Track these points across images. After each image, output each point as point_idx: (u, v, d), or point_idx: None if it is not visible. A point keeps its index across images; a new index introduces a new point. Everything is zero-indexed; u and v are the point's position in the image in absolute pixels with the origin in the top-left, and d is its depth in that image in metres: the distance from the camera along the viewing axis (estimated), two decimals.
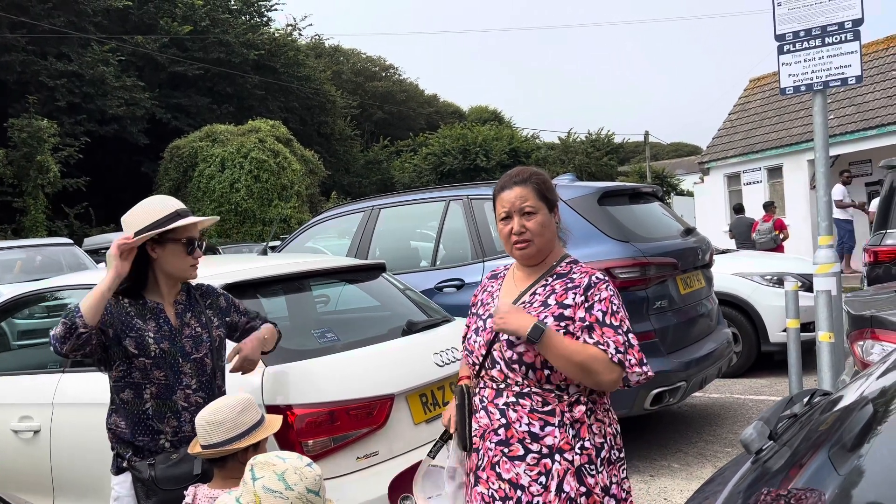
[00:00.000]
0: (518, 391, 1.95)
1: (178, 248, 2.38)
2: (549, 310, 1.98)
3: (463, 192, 5.26)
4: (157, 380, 2.33)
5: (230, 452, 2.07)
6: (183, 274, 2.43)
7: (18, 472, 3.10)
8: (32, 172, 18.60)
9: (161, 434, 2.32)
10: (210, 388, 2.42)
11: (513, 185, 2.07)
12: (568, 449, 1.91)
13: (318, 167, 24.76)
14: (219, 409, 2.10)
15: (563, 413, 1.93)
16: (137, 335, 2.32)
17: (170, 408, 2.34)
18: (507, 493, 1.92)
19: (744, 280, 6.84)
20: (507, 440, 1.94)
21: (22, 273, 10.43)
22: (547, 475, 1.89)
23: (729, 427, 5.28)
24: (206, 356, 2.42)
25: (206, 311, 2.51)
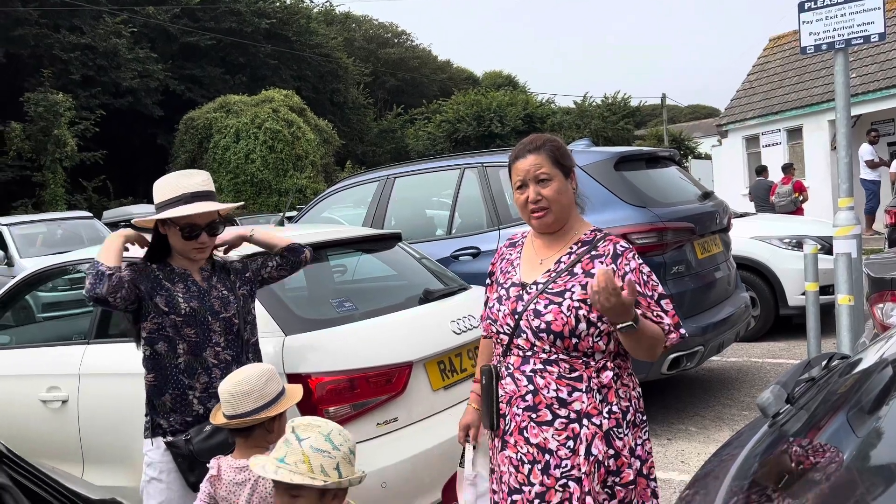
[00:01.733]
0: (545, 358, 1.96)
1: (177, 232, 2.41)
2: (576, 278, 1.98)
3: (478, 160, 5.24)
4: (188, 337, 2.39)
5: (258, 422, 2.10)
6: (187, 255, 2.46)
7: (49, 442, 3.18)
8: (50, 146, 18.74)
9: (190, 390, 2.38)
10: (238, 348, 2.47)
11: (527, 154, 2.05)
12: (595, 413, 1.93)
13: (332, 136, 24.70)
14: (244, 379, 2.12)
15: (591, 379, 1.95)
16: (167, 294, 2.38)
17: (201, 363, 2.40)
18: (535, 457, 1.94)
19: (762, 243, 6.78)
20: (535, 406, 1.96)
21: (44, 246, 10.59)
22: (575, 439, 1.92)
23: (746, 390, 5.29)
24: (234, 316, 2.47)
25: (231, 277, 2.56)
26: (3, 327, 4.03)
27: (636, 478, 1.96)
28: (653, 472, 2.03)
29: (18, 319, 4.40)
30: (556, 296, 1.97)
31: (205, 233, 2.42)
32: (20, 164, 19.16)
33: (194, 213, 2.36)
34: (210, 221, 2.43)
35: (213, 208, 2.40)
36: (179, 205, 2.37)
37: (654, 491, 2.03)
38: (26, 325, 4.60)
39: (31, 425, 3.24)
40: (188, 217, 2.37)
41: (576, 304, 1.94)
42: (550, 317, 1.94)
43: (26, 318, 4.77)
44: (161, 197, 2.42)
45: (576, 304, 1.94)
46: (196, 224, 2.39)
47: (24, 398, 3.28)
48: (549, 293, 1.98)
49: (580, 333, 1.93)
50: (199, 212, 2.36)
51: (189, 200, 2.38)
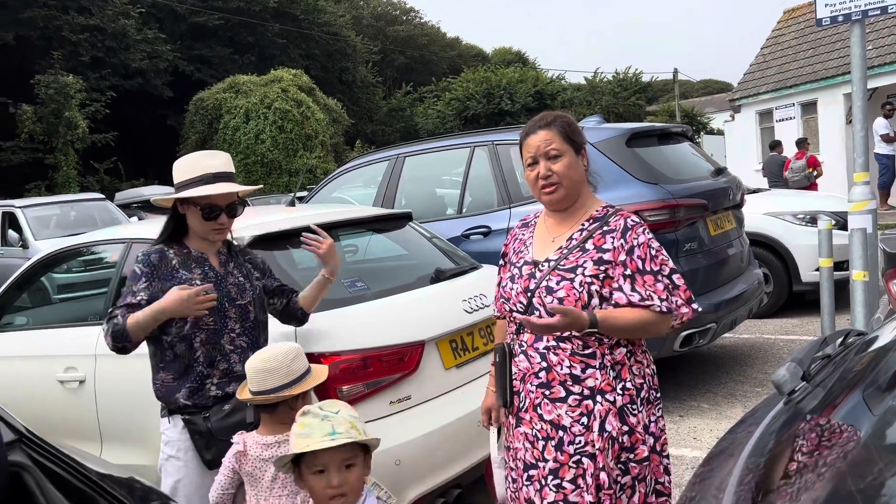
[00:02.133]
0: (558, 335, 1.96)
1: (196, 212, 2.41)
2: (588, 254, 1.98)
3: (488, 138, 5.21)
4: (205, 326, 2.39)
5: (283, 398, 2.12)
6: (205, 236, 2.45)
7: (68, 422, 3.22)
8: (61, 129, 18.80)
9: (208, 378, 2.39)
10: (253, 335, 2.48)
11: (538, 129, 2.05)
12: (609, 390, 1.94)
13: (341, 116, 24.62)
14: (272, 356, 2.13)
15: (604, 355, 1.95)
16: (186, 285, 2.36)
17: (219, 351, 2.41)
18: (549, 434, 1.96)
19: (775, 220, 6.73)
20: (548, 382, 1.97)
21: (58, 228, 10.66)
22: (589, 416, 1.93)
23: (759, 367, 5.28)
24: (249, 304, 2.48)
25: (246, 263, 2.56)
26: (20, 309, 4.07)
27: (650, 454, 1.97)
28: (665, 449, 2.04)
29: (35, 301, 4.44)
30: (568, 272, 1.97)
31: (224, 214, 2.42)
32: (32, 146, 19.26)
33: (215, 193, 2.36)
34: (230, 203, 2.43)
35: (233, 190, 2.40)
36: (200, 185, 2.37)
37: (667, 468, 2.05)
38: (42, 307, 4.65)
39: (50, 405, 3.29)
40: (208, 198, 2.38)
41: (588, 279, 1.94)
42: (563, 293, 1.95)
43: (42, 299, 4.81)
44: (182, 176, 2.42)
45: (588, 279, 1.94)
46: (216, 205, 2.40)
47: (42, 379, 3.32)
48: (560, 270, 1.98)
49: (592, 309, 1.93)
50: (220, 192, 2.37)
51: (210, 181, 2.38)
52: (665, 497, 2.04)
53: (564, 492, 1.92)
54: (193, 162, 2.44)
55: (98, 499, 1.36)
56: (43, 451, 1.43)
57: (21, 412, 1.60)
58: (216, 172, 2.40)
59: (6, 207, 11.01)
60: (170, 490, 2.35)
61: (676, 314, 1.96)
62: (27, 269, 3.85)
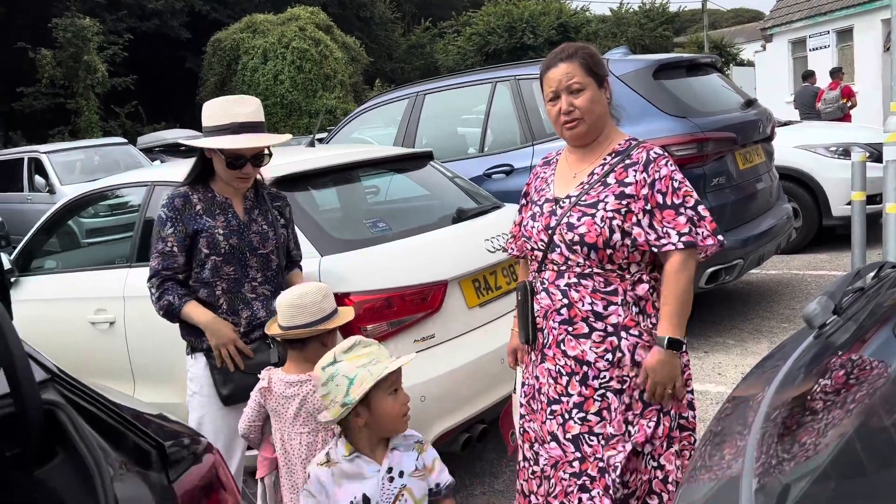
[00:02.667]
0: (580, 272, 1.95)
1: (221, 160, 2.40)
2: (610, 189, 1.94)
3: (510, 73, 5.08)
4: (226, 275, 2.42)
5: (317, 333, 2.16)
6: (230, 183, 2.45)
7: (101, 361, 3.31)
8: (81, 73, 18.74)
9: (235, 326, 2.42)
10: (276, 283, 2.50)
11: (558, 63, 1.98)
12: (633, 325, 1.93)
13: (360, 54, 24.22)
14: (304, 293, 2.17)
15: (626, 292, 1.94)
16: (208, 234, 2.40)
17: (241, 299, 2.44)
18: (573, 369, 1.96)
19: (807, 153, 6.55)
20: (571, 319, 1.96)
21: (82, 173, 10.76)
22: (614, 352, 1.93)
23: (786, 303, 5.23)
24: (271, 253, 2.48)
25: (273, 209, 2.55)
26: (49, 253, 4.14)
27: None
28: (689, 384, 2.04)
29: (63, 245, 4.52)
30: (590, 207, 1.94)
31: (249, 164, 2.40)
32: (53, 91, 19.26)
33: (242, 147, 2.34)
34: (257, 153, 2.40)
35: (260, 143, 2.37)
36: (227, 134, 2.35)
37: (691, 402, 2.05)
38: (71, 251, 4.73)
39: (83, 347, 3.37)
40: (234, 149, 2.36)
41: (609, 214, 1.91)
42: (584, 229, 1.92)
43: (70, 243, 4.89)
44: (210, 121, 2.40)
45: (609, 214, 1.91)
46: (241, 155, 2.38)
47: (74, 321, 3.40)
48: (581, 205, 1.95)
49: (615, 244, 1.91)
50: (246, 147, 2.35)
51: (237, 131, 2.35)
52: (689, 431, 2.04)
53: (589, 424, 1.94)
54: (222, 108, 2.40)
55: (129, 435, 1.39)
56: (74, 389, 1.46)
57: (55, 354, 1.63)
58: (243, 122, 2.37)
59: (32, 153, 11.11)
60: (196, 424, 2.42)
61: (701, 246, 1.91)
62: (54, 214, 3.90)
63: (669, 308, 1.91)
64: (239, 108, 2.39)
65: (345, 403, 1.74)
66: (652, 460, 1.98)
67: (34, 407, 1.34)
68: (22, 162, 11.00)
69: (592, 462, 1.93)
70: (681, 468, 2.00)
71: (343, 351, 1.80)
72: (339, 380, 1.75)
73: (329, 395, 1.77)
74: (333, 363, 1.78)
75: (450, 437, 2.84)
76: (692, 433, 2.05)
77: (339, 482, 1.77)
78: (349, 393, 1.74)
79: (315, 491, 1.78)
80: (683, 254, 1.90)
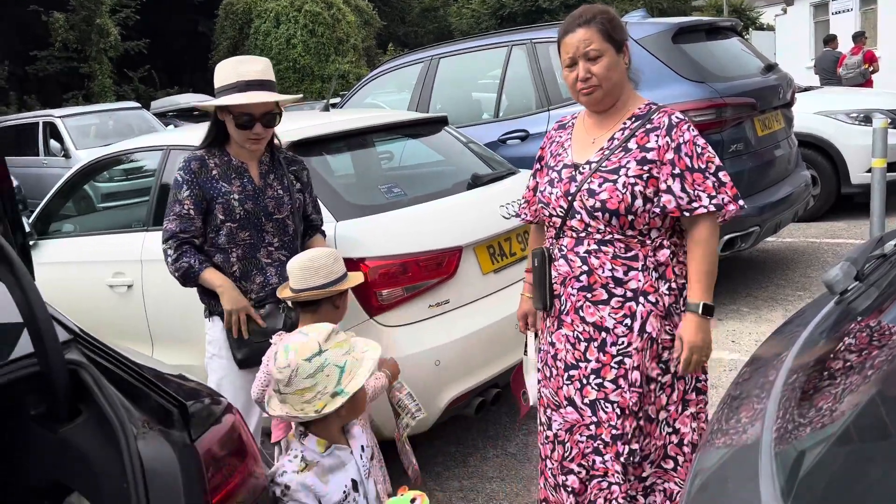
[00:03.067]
0: (600, 238, 1.94)
1: (232, 120, 2.39)
2: (632, 154, 1.92)
3: (526, 36, 5.01)
4: (241, 241, 2.43)
5: (329, 295, 2.18)
6: (242, 144, 2.44)
7: (119, 324, 3.35)
8: (94, 36, 18.68)
9: (247, 293, 2.44)
10: (292, 248, 2.50)
11: (576, 28, 1.94)
12: (652, 291, 1.93)
13: (372, 18, 23.94)
14: (315, 256, 2.19)
15: (647, 257, 1.94)
16: (224, 200, 2.40)
17: (255, 265, 2.45)
18: (591, 335, 1.97)
19: (827, 119, 6.44)
20: (590, 286, 1.96)
21: (97, 138, 10.78)
22: (632, 317, 1.93)
23: (802, 271, 5.20)
24: (287, 217, 2.49)
25: (290, 174, 2.54)
26: (67, 217, 4.17)
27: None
28: None
29: (80, 209, 4.54)
30: (611, 173, 1.92)
31: (259, 124, 2.38)
32: (67, 55, 19.22)
33: (245, 102, 2.33)
34: (265, 112, 2.39)
35: (266, 99, 2.35)
36: (234, 93, 2.34)
37: (703, 367, 2.05)
38: (88, 214, 4.76)
39: (103, 309, 3.41)
40: (242, 106, 2.34)
41: (631, 180, 1.89)
42: (605, 195, 1.91)
43: (87, 207, 4.92)
44: (219, 82, 2.40)
45: (631, 180, 1.89)
46: (250, 114, 2.36)
47: (93, 283, 3.44)
48: (602, 171, 1.93)
49: (636, 210, 1.90)
50: (250, 102, 2.33)
51: (243, 89, 2.34)
52: (703, 395, 2.06)
53: (606, 391, 1.96)
54: (230, 68, 2.41)
55: (151, 394, 1.41)
56: (97, 349, 1.49)
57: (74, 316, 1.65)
58: (249, 80, 2.36)
59: (46, 118, 11.13)
60: (215, 386, 2.46)
61: (725, 210, 1.90)
62: (70, 178, 3.92)
63: (701, 273, 1.90)
64: (244, 67, 2.38)
65: (336, 393, 1.69)
66: (667, 426, 2.00)
67: (58, 366, 1.37)
68: (37, 126, 11.03)
69: (607, 428, 1.96)
70: (696, 430, 2.02)
71: (324, 340, 1.73)
72: (330, 369, 1.69)
73: (316, 386, 1.68)
74: (320, 353, 1.70)
75: (464, 401, 2.87)
76: (705, 396, 2.07)
77: (326, 479, 1.73)
78: (341, 383, 1.70)
79: (305, 498, 1.69)
80: (712, 217, 1.89)
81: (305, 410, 1.71)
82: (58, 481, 1.51)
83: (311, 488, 1.69)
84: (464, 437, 3.34)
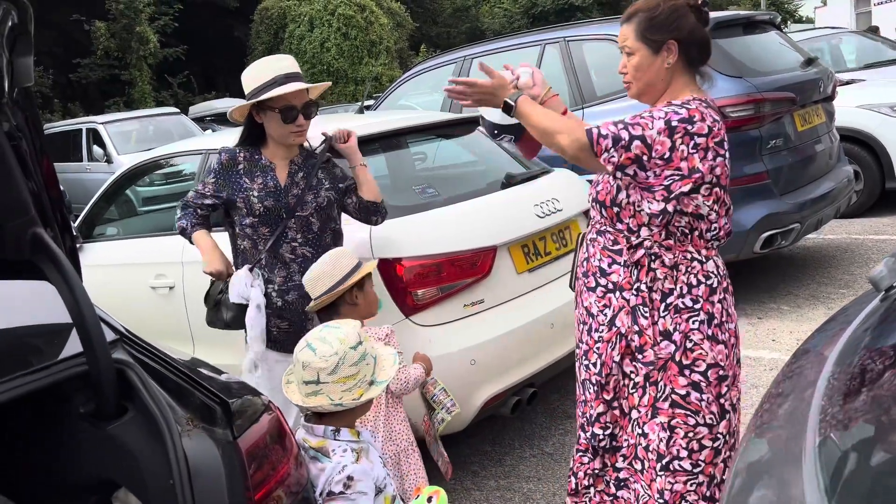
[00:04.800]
0: (598, 228, 2.04)
1: (275, 116, 2.44)
2: None
3: (559, 34, 4.99)
4: (262, 235, 2.50)
5: (335, 296, 2.29)
6: (284, 140, 2.50)
7: (162, 324, 3.43)
8: (134, 44, 19.15)
9: (270, 284, 2.50)
10: (318, 245, 2.54)
11: (622, 23, 2.00)
12: (628, 288, 1.96)
13: (405, 20, 24.08)
14: (312, 268, 2.34)
15: (626, 253, 1.97)
16: (244, 195, 2.49)
17: (279, 259, 2.51)
18: (583, 318, 2.08)
19: (870, 112, 6.28)
20: (587, 272, 2.06)
21: (137, 143, 11.03)
22: (609, 308, 1.99)
23: (845, 268, 5.08)
24: (311, 216, 2.52)
25: (318, 173, 2.57)
26: (110, 220, 4.28)
27: (667, 361, 1.92)
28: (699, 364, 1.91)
29: (122, 212, 4.66)
30: None
31: (301, 115, 2.45)
32: (108, 63, 19.74)
33: (291, 91, 2.40)
34: (305, 103, 2.47)
35: (307, 86, 2.45)
36: (274, 87, 2.39)
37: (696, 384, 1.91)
38: (130, 218, 4.88)
39: (145, 310, 3.50)
40: (284, 98, 2.40)
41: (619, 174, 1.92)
42: (601, 186, 2.01)
43: (129, 211, 5.04)
44: (253, 83, 2.45)
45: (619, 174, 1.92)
46: (293, 106, 2.43)
47: (135, 285, 3.52)
48: None
49: (620, 202, 1.93)
50: (295, 90, 2.40)
51: (283, 82, 2.41)
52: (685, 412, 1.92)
53: (590, 372, 2.05)
54: (263, 67, 2.47)
55: (195, 392, 1.45)
56: (142, 349, 1.53)
57: (118, 317, 1.70)
58: (288, 73, 2.44)
59: (90, 124, 11.42)
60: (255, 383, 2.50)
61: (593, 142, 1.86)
62: (113, 182, 4.02)
63: (539, 114, 1.98)
64: (279, 63, 2.47)
65: (372, 382, 1.81)
66: (637, 426, 2.00)
67: (106, 366, 1.41)
68: (81, 132, 11.32)
69: (584, 408, 2.08)
70: (664, 442, 1.93)
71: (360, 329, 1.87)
72: (369, 359, 1.82)
73: (358, 374, 1.77)
74: (361, 342, 1.81)
75: (500, 400, 2.87)
76: (693, 416, 1.92)
77: (371, 461, 1.83)
78: (375, 372, 1.82)
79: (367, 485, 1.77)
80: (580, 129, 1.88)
81: (343, 399, 1.76)
82: (105, 477, 1.56)
83: (369, 472, 1.79)
84: (500, 436, 3.35)
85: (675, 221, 1.91)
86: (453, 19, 31.61)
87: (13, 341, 1.70)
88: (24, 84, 1.50)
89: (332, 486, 1.73)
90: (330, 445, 1.79)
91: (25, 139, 1.52)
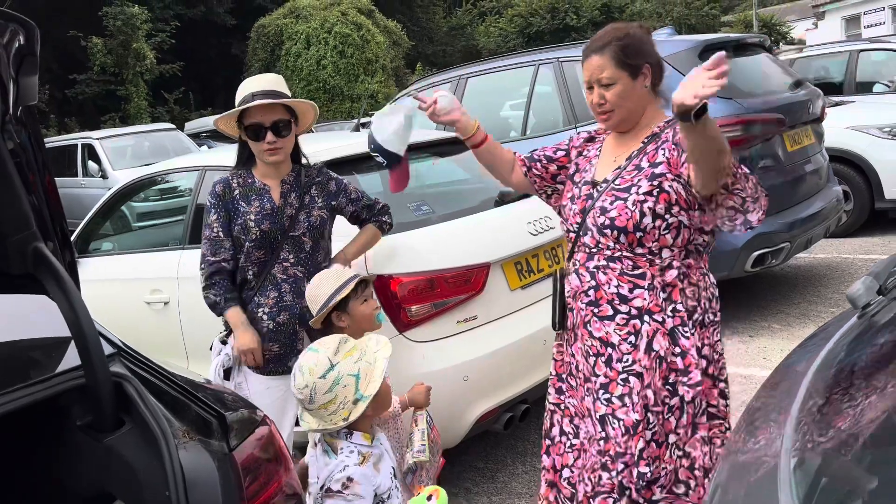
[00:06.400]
0: (609, 255, 1.96)
1: (246, 134, 2.48)
2: (643, 172, 1.94)
3: (553, 55, 5.06)
4: (256, 259, 2.50)
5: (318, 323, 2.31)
6: (261, 158, 2.51)
7: (156, 339, 3.44)
8: (130, 60, 19.23)
9: (260, 307, 2.49)
10: (309, 264, 2.54)
11: (591, 54, 1.97)
12: (658, 311, 1.92)
13: (401, 38, 24.26)
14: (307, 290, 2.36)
15: (654, 277, 1.94)
16: (242, 221, 2.48)
17: (270, 281, 2.50)
18: (598, 350, 1.99)
19: (859, 133, 6.37)
20: (597, 301, 1.98)
21: (133, 158, 11.05)
22: (636, 335, 1.93)
23: (834, 287, 5.13)
24: (303, 235, 2.52)
25: (311, 190, 2.58)
26: (106, 236, 4.30)
27: (702, 378, 1.95)
28: (723, 373, 2.02)
29: (118, 228, 4.68)
30: (623, 192, 1.95)
31: (270, 132, 2.41)
32: (104, 78, 19.81)
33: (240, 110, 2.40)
34: (275, 120, 2.42)
35: (266, 102, 2.38)
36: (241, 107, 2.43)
37: (723, 392, 2.02)
38: (126, 233, 4.90)
39: (141, 325, 3.51)
40: (252, 115, 2.41)
41: (641, 197, 1.92)
42: (615, 213, 1.93)
43: (124, 226, 5.06)
44: (237, 100, 2.49)
45: (641, 197, 1.92)
46: (259, 124, 2.41)
47: (131, 300, 3.54)
48: (615, 189, 1.97)
49: (645, 227, 1.91)
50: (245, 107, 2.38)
51: (249, 101, 2.41)
52: (720, 420, 2.01)
53: (613, 406, 1.95)
54: (241, 88, 2.51)
55: (191, 405, 1.47)
56: (139, 363, 1.55)
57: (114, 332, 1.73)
58: (255, 92, 2.43)
59: (85, 139, 11.44)
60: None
61: None
62: (109, 198, 4.04)
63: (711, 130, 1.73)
64: (253, 83, 2.48)
65: (357, 400, 1.82)
66: (677, 449, 1.95)
67: (104, 379, 1.44)
68: (76, 148, 11.34)
69: (613, 445, 1.95)
70: (708, 455, 1.97)
71: (333, 353, 1.86)
72: (346, 380, 1.82)
73: (336, 399, 1.81)
74: (332, 368, 1.83)
75: (492, 417, 2.89)
76: (723, 421, 2.01)
77: (378, 468, 1.86)
78: (359, 389, 1.83)
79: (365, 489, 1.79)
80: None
81: (334, 421, 1.84)
82: (102, 489, 1.57)
83: (370, 478, 1.82)
84: (492, 452, 3.36)
85: (694, 239, 1.95)
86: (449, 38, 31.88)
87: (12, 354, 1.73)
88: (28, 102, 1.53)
89: (332, 484, 1.78)
90: (339, 444, 1.86)
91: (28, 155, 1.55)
